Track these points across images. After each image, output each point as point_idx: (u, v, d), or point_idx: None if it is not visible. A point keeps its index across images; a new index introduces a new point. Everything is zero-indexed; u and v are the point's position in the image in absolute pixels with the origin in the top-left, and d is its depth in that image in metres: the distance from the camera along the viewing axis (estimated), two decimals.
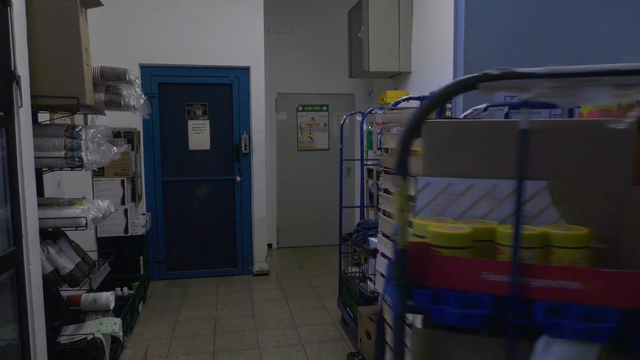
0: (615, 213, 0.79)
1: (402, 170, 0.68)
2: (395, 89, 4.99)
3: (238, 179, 5.09)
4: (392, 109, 2.49)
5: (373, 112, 3.92)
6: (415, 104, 3.52)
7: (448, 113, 3.09)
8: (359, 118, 4.06)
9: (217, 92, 5.01)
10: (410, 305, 0.75)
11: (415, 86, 4.63)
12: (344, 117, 4.32)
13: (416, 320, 0.86)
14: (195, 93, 4.98)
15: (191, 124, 4.98)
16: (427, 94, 3.74)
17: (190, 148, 5.00)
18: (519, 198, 0.70)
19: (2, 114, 1.99)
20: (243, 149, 5.03)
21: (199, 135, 5.00)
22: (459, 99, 1.76)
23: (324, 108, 6.26)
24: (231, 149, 5.08)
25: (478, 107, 1.77)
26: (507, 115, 1.71)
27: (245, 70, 4.99)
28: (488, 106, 1.76)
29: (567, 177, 0.82)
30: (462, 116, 2.03)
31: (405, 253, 0.73)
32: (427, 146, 0.95)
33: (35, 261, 2.18)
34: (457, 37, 1.38)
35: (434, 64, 4.10)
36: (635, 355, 0.62)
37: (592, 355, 0.64)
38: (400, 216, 0.71)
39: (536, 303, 0.68)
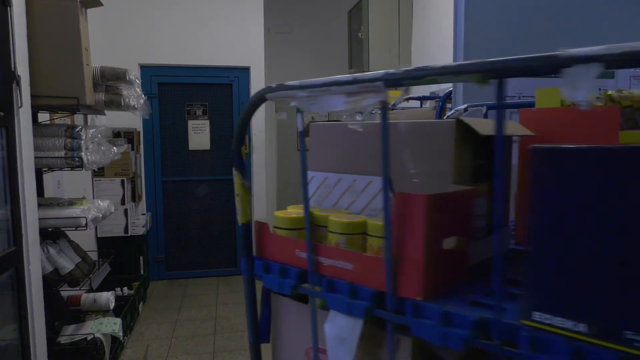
0: None
1: (237, 163, 0.90)
2: (395, 89, 4.99)
3: None
4: (392, 109, 2.49)
5: (373, 112, 3.92)
6: (415, 104, 3.52)
7: (448, 112, 3.08)
8: (359, 118, 4.06)
9: (217, 92, 5.01)
10: (252, 272, 0.95)
11: (415, 86, 4.63)
12: (344, 117, 4.32)
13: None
14: (195, 93, 4.98)
15: (191, 124, 4.98)
16: (427, 94, 3.74)
17: (190, 148, 5.00)
18: (305, 189, 0.86)
19: (2, 114, 1.99)
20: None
21: (199, 135, 5.00)
22: (459, 98, 1.76)
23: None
24: (231, 149, 5.08)
25: (459, 107, 1.80)
26: (485, 115, 1.76)
27: (245, 70, 4.99)
28: (468, 106, 1.80)
29: (400, 174, 0.92)
30: (445, 117, 2.05)
31: (246, 229, 0.94)
32: (311, 144, 1.11)
33: (35, 261, 2.18)
34: (457, 37, 1.38)
35: (434, 63, 4.09)
36: (388, 334, 0.71)
37: (358, 328, 0.74)
38: (238, 199, 0.93)
39: (324, 278, 0.80)
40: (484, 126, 0.88)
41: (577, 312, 0.54)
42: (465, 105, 1.74)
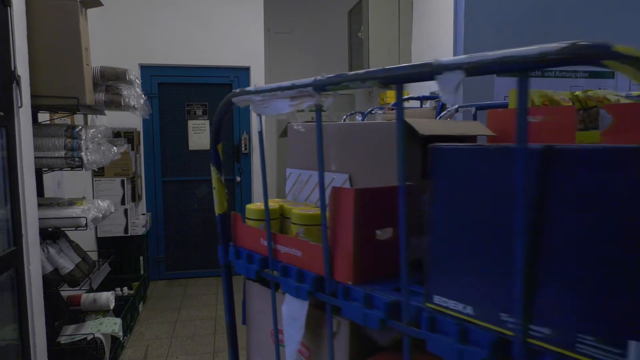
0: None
1: (214, 160, 1.02)
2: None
3: (238, 179, 5.09)
4: (392, 109, 2.49)
5: (373, 112, 3.92)
6: (416, 104, 3.52)
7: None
8: (359, 118, 4.06)
9: (217, 92, 5.01)
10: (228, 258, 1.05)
11: (415, 86, 4.63)
12: (344, 117, 4.32)
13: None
14: (195, 93, 4.99)
15: (191, 124, 4.98)
16: (427, 94, 3.74)
17: (190, 148, 5.00)
18: (264, 183, 0.96)
19: (2, 114, 1.99)
20: (243, 149, 5.03)
21: (199, 135, 5.00)
22: (459, 98, 1.76)
23: (324, 108, 6.26)
24: (231, 149, 5.08)
25: (450, 108, 1.83)
26: (474, 116, 1.80)
27: (245, 70, 4.99)
28: (459, 107, 1.83)
29: (367, 172, 1.00)
30: (437, 117, 2.07)
31: (222, 219, 1.06)
32: (288, 144, 1.21)
33: (35, 261, 2.18)
34: (457, 37, 1.38)
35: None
36: (327, 315, 0.78)
37: (305, 309, 0.83)
38: (215, 192, 1.05)
39: (280, 264, 0.88)
40: (430, 126, 0.94)
41: (465, 296, 0.60)
42: (456, 106, 1.77)
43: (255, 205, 1.09)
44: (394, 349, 0.79)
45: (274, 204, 1.07)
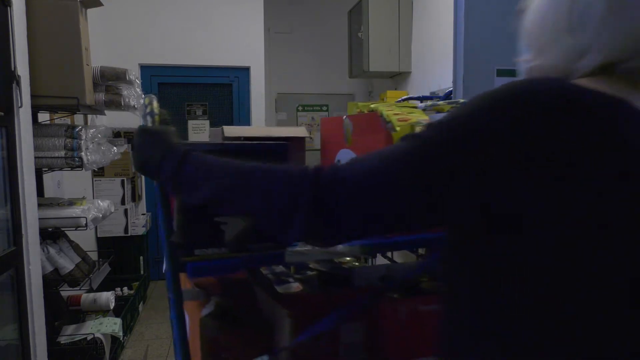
0: None
1: None
2: (395, 89, 4.99)
3: None
4: None
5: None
6: (415, 104, 3.52)
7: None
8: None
9: (217, 92, 5.01)
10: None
11: (415, 86, 4.63)
12: (344, 117, 4.31)
13: None
14: (195, 93, 4.98)
15: (191, 124, 4.98)
16: (427, 93, 3.75)
17: None
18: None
19: (2, 114, 1.99)
20: None
21: (199, 135, 4.99)
22: (459, 98, 1.76)
23: (324, 108, 6.26)
24: None
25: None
26: None
27: (245, 70, 4.99)
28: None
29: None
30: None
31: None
32: None
33: (35, 261, 2.18)
34: (457, 37, 1.38)
35: (434, 64, 4.10)
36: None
37: None
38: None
39: None
40: (240, 131, 1.15)
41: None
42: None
43: None
44: None
45: None
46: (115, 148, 2.77)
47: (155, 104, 0.91)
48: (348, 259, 1.35)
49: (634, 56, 0.61)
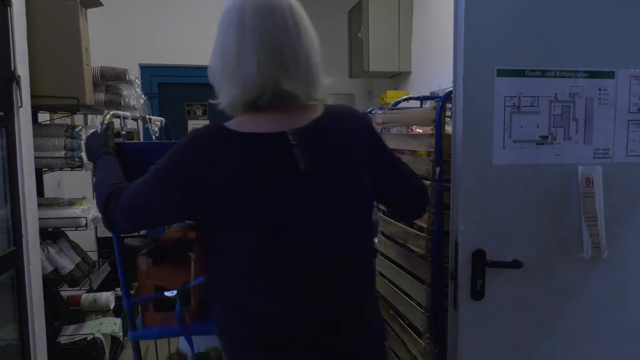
0: None
1: None
2: (395, 89, 4.99)
3: None
4: (392, 109, 2.49)
5: (373, 112, 3.91)
6: (416, 104, 3.52)
7: (448, 113, 3.08)
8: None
9: None
10: None
11: (415, 86, 4.63)
12: None
13: None
14: (195, 93, 4.98)
15: (191, 124, 4.98)
16: (427, 93, 3.74)
17: None
18: None
19: (2, 114, 1.99)
20: None
21: None
22: (459, 98, 1.76)
23: None
24: None
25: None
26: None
27: None
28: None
29: None
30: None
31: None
32: None
33: (35, 261, 2.18)
34: (457, 37, 1.38)
35: (434, 64, 4.09)
36: None
37: None
38: None
39: None
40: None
41: None
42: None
43: None
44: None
45: None
46: None
47: (108, 117, 1.49)
48: None
49: (249, 97, 1.13)
